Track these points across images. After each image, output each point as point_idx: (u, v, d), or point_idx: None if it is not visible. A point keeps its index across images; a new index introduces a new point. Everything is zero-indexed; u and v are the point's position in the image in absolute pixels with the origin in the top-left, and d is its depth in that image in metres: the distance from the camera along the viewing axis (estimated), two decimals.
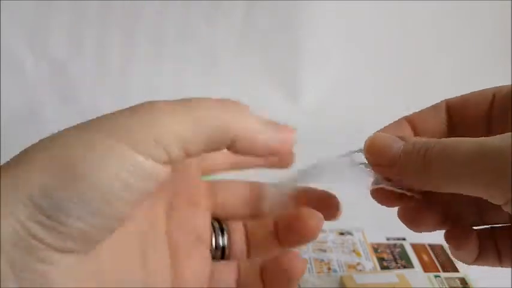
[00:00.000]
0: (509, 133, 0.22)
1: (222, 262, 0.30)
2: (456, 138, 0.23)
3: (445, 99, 0.30)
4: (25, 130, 0.65)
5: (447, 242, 0.29)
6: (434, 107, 0.30)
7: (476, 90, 0.30)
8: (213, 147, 0.24)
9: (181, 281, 0.27)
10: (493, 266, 0.28)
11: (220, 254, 0.30)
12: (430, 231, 0.29)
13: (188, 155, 0.23)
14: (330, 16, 0.73)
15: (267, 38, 0.73)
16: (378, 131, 0.29)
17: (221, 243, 0.30)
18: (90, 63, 0.71)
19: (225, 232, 0.31)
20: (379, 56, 0.77)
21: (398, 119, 0.30)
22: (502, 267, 0.28)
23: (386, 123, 0.30)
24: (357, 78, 0.76)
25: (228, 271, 0.30)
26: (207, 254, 0.29)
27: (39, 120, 0.67)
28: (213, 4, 0.71)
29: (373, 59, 0.77)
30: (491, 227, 0.29)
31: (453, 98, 0.30)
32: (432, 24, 0.77)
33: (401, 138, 0.25)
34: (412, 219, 0.28)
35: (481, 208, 0.29)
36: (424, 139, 0.25)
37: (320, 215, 0.29)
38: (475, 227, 0.29)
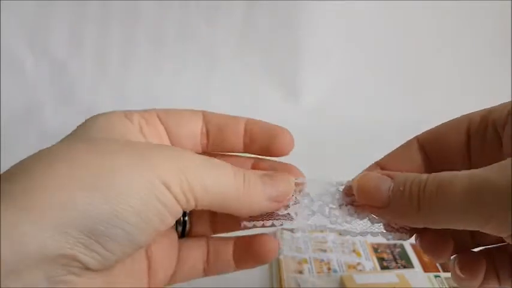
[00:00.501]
0: (505, 162, 0.21)
1: (191, 239, 0.30)
2: (447, 173, 0.23)
3: (415, 137, 0.29)
4: (25, 130, 0.65)
5: (462, 274, 0.28)
6: (406, 147, 0.29)
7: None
8: (213, 209, 0.25)
9: (153, 263, 0.27)
10: (493, 286, 0.28)
11: (181, 230, 0.30)
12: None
13: (194, 207, 0.24)
14: (330, 16, 0.73)
15: (267, 38, 0.73)
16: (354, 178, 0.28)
17: (182, 220, 0.30)
18: (90, 63, 0.71)
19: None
20: (379, 56, 0.77)
21: (369, 166, 0.29)
22: (501, 286, 0.28)
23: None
24: (357, 78, 0.76)
25: (196, 250, 0.29)
26: (175, 236, 0.29)
27: (39, 120, 0.67)
28: (213, 4, 0.71)
29: (373, 59, 0.77)
30: (486, 248, 0.29)
31: (423, 133, 0.29)
32: (432, 24, 0.77)
33: (390, 175, 0.25)
34: (436, 252, 0.28)
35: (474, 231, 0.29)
36: (413, 175, 0.24)
37: None
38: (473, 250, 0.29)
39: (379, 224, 0.27)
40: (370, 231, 0.26)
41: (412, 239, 0.28)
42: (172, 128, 0.27)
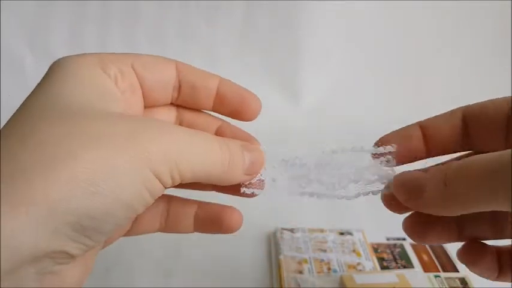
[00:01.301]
0: None
1: None
2: (468, 158, 0.23)
3: (463, 107, 0.30)
4: None
5: (459, 260, 0.29)
6: (450, 114, 0.30)
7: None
8: (193, 181, 0.25)
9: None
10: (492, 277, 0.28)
11: None
12: (439, 244, 0.29)
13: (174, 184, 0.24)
14: (330, 16, 0.73)
15: (267, 38, 0.73)
16: (386, 134, 0.29)
17: None
18: None
19: None
20: (379, 56, 0.77)
21: (411, 124, 0.30)
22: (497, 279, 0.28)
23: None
24: (356, 78, 0.76)
25: (155, 206, 0.29)
26: None
27: None
28: (213, 4, 0.71)
29: (373, 59, 0.77)
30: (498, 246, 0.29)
31: (471, 105, 0.29)
32: (432, 24, 0.77)
33: (424, 171, 0.26)
34: (418, 233, 0.28)
35: (496, 223, 0.29)
36: (444, 166, 0.24)
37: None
38: (494, 244, 0.29)
39: (376, 183, 0.28)
40: (364, 192, 0.28)
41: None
42: (146, 81, 0.27)
